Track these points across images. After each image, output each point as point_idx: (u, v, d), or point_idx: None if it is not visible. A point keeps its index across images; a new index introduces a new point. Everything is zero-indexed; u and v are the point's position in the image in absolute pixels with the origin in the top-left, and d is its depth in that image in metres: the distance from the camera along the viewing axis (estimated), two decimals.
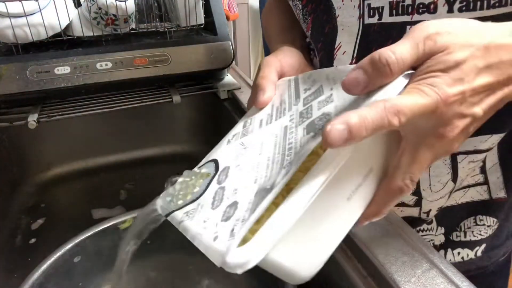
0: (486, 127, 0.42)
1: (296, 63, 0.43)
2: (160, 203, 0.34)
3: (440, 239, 0.50)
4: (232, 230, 0.26)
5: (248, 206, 0.27)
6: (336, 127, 0.23)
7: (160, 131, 0.90)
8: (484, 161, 0.46)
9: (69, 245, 0.48)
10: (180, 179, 0.35)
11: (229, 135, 0.38)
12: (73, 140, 0.85)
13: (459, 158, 0.44)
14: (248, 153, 0.33)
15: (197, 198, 0.32)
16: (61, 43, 0.74)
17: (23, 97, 0.70)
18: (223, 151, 0.36)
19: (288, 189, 0.25)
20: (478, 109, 0.26)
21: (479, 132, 0.42)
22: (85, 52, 0.71)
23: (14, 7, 0.67)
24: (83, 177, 0.85)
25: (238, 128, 0.39)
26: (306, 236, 0.26)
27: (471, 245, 0.51)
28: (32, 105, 0.73)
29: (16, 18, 0.68)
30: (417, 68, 0.27)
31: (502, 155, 0.46)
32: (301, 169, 0.26)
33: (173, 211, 0.32)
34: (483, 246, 0.51)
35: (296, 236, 0.25)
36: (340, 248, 0.41)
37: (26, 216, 0.73)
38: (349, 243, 0.40)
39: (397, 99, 0.24)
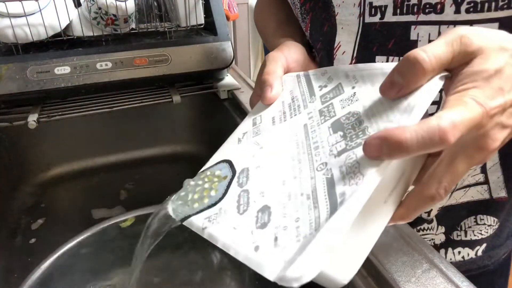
0: None
1: (301, 58, 0.42)
2: (172, 207, 0.33)
3: (440, 238, 0.50)
4: (276, 239, 0.25)
5: (287, 212, 0.26)
6: (377, 138, 0.23)
7: (160, 131, 0.90)
8: None
9: (69, 245, 0.48)
10: (192, 182, 0.34)
11: (238, 134, 0.37)
12: (73, 140, 0.85)
13: None
14: (266, 153, 0.32)
15: (217, 202, 0.30)
16: (61, 43, 0.74)
17: (23, 97, 0.70)
18: (235, 151, 0.35)
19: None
20: None
21: None
22: (85, 52, 0.71)
23: (14, 7, 0.67)
24: (83, 177, 0.85)
25: (246, 126, 0.37)
26: (348, 242, 0.25)
27: (471, 244, 0.51)
28: (32, 105, 0.73)
29: (16, 18, 0.68)
30: (452, 70, 0.27)
31: (502, 155, 0.46)
32: None
33: (189, 216, 0.31)
34: (484, 245, 0.51)
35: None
36: None
37: (26, 216, 0.73)
38: None
39: (449, 115, 0.23)
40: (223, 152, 0.36)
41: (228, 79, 0.86)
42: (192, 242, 0.54)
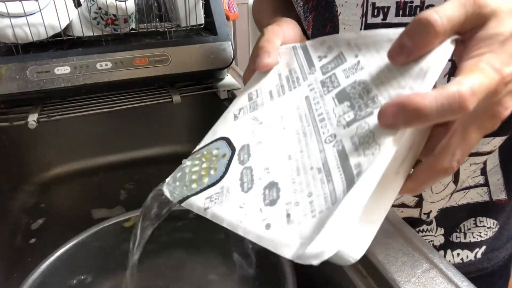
0: None
1: (297, 35, 0.41)
2: (168, 189, 0.32)
3: (439, 240, 0.50)
4: (288, 216, 0.24)
5: (297, 187, 0.25)
6: (394, 105, 0.22)
7: (160, 131, 0.90)
8: (484, 163, 0.46)
9: (69, 245, 0.48)
10: (188, 162, 0.33)
11: (233, 110, 0.36)
12: (73, 140, 0.85)
13: None
14: (267, 128, 0.31)
15: (218, 181, 0.29)
16: (61, 43, 0.74)
17: (23, 97, 0.70)
18: (232, 128, 0.34)
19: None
20: None
21: None
22: (85, 52, 0.71)
23: (14, 7, 0.67)
24: (83, 177, 0.85)
25: (242, 101, 0.36)
26: (361, 217, 0.23)
27: (470, 246, 0.51)
28: (32, 105, 0.73)
29: (16, 18, 0.68)
30: (465, 33, 0.25)
31: (502, 157, 0.46)
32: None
33: (188, 196, 0.30)
34: (483, 248, 0.51)
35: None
36: None
37: (26, 216, 0.73)
38: None
39: (468, 81, 0.22)
40: (218, 130, 0.35)
41: (228, 79, 0.86)
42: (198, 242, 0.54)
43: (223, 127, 0.35)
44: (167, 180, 0.33)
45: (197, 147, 0.34)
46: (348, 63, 0.30)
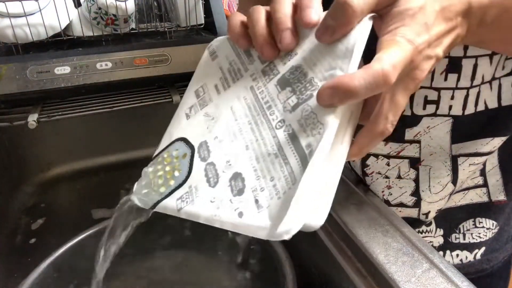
0: (488, 130, 0.42)
1: None
2: (137, 197, 0.33)
3: (439, 240, 0.50)
4: (257, 201, 0.26)
5: (259, 174, 0.27)
6: (328, 88, 0.25)
7: (160, 131, 0.90)
8: (484, 164, 0.46)
9: (69, 245, 0.48)
10: (150, 169, 0.34)
11: (184, 109, 0.37)
12: (73, 140, 0.85)
13: (460, 160, 0.43)
14: (220, 122, 0.32)
15: (185, 181, 0.31)
16: (61, 43, 0.74)
17: (23, 97, 0.69)
18: (187, 127, 0.35)
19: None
20: (440, 50, 0.28)
21: (481, 135, 0.42)
22: (85, 52, 0.71)
23: (14, 7, 0.67)
24: (83, 177, 0.85)
25: (191, 99, 0.37)
26: (319, 189, 0.26)
27: (470, 247, 0.50)
28: (32, 105, 0.73)
29: (16, 18, 0.68)
30: (381, 11, 0.28)
31: (501, 158, 0.46)
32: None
33: (159, 201, 0.31)
34: (483, 249, 0.51)
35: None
36: (340, 248, 0.41)
37: (26, 216, 0.73)
38: (349, 243, 0.40)
39: (388, 57, 0.25)
40: (173, 132, 0.36)
41: None
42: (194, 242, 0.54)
43: (177, 128, 0.36)
44: (134, 189, 0.34)
45: (156, 152, 0.35)
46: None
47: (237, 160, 0.29)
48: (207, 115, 0.34)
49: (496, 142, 0.43)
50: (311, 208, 0.25)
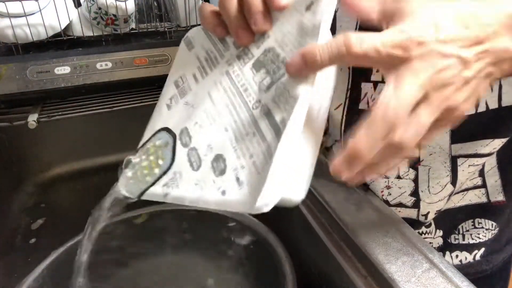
0: (489, 131, 0.42)
1: None
2: (124, 189, 0.34)
3: (438, 241, 0.50)
4: (238, 179, 0.27)
5: (239, 153, 0.28)
6: (295, 57, 0.26)
7: None
8: (483, 165, 0.46)
9: (69, 245, 0.48)
10: (135, 160, 0.35)
11: (165, 101, 0.38)
12: (73, 140, 0.85)
13: (459, 161, 0.43)
14: (200, 109, 0.33)
15: (169, 168, 0.32)
16: (61, 43, 0.74)
17: (23, 97, 0.70)
18: (168, 118, 0.36)
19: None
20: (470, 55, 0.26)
21: (481, 135, 0.42)
22: (85, 52, 0.71)
23: (14, 7, 0.67)
24: (83, 177, 0.85)
25: (171, 90, 0.38)
26: (296, 164, 0.27)
27: (469, 248, 0.50)
28: (32, 105, 0.73)
29: (16, 18, 0.68)
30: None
31: (500, 159, 0.46)
32: None
33: (145, 189, 0.32)
34: (482, 250, 0.51)
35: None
36: (340, 248, 0.41)
37: (26, 216, 0.73)
38: (349, 243, 0.40)
39: (358, 34, 0.25)
40: (155, 124, 0.37)
41: None
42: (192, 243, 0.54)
43: (159, 119, 0.37)
44: (119, 182, 0.36)
45: (140, 144, 0.37)
46: (256, 34, 0.33)
47: (218, 143, 0.30)
48: (187, 104, 0.35)
49: (497, 144, 0.43)
50: (289, 181, 0.26)
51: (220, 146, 0.29)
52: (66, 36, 0.75)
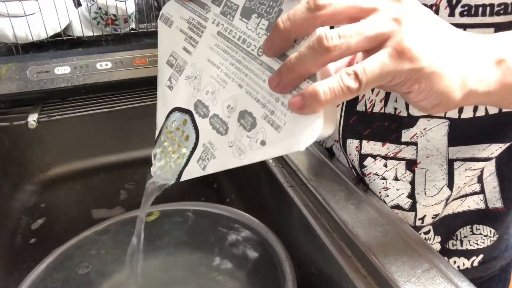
0: (486, 135, 0.42)
1: None
2: (160, 178, 0.34)
3: (436, 247, 0.50)
4: (273, 124, 0.26)
5: (263, 101, 0.27)
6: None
7: None
8: (481, 171, 0.45)
9: (69, 245, 0.48)
10: (159, 149, 0.35)
11: (164, 83, 0.37)
12: (73, 140, 0.85)
13: (456, 164, 0.43)
14: (205, 77, 0.33)
15: (196, 144, 0.32)
16: (61, 43, 0.74)
17: (23, 97, 0.70)
18: (174, 98, 0.35)
19: None
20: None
21: (478, 139, 0.42)
22: (85, 52, 0.71)
23: (14, 7, 0.67)
24: (83, 177, 0.85)
25: (166, 72, 0.38)
26: None
27: (467, 254, 0.50)
28: (32, 105, 0.73)
29: (16, 18, 0.68)
30: None
31: (499, 165, 0.46)
32: None
33: (181, 171, 0.32)
34: (481, 256, 0.50)
35: None
36: (340, 248, 0.41)
37: (26, 216, 0.73)
38: (349, 243, 0.40)
39: None
40: (163, 109, 0.36)
41: None
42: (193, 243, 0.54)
43: (165, 104, 0.36)
44: (154, 175, 0.35)
45: (156, 134, 0.36)
46: None
47: (237, 101, 0.29)
48: (188, 77, 0.34)
49: (494, 148, 0.43)
50: (323, 117, 0.25)
51: (240, 103, 0.29)
52: (66, 36, 0.75)
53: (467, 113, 0.41)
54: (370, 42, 0.25)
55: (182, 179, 0.32)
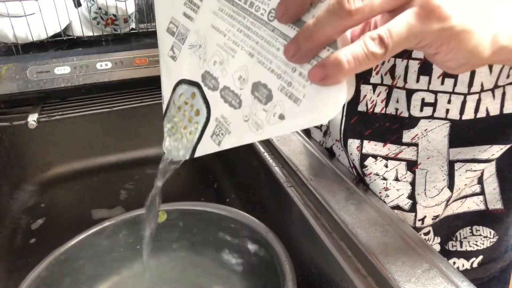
0: (487, 137, 0.42)
1: None
2: (175, 154, 0.32)
3: (436, 248, 0.50)
4: (291, 97, 0.24)
5: (278, 72, 0.25)
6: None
7: (160, 131, 0.90)
8: (482, 172, 0.45)
9: (69, 245, 0.48)
10: (168, 125, 0.33)
11: (166, 53, 0.35)
12: (73, 140, 0.85)
13: (457, 165, 0.43)
14: (211, 46, 0.30)
15: (208, 118, 0.30)
16: (61, 43, 0.74)
17: (23, 97, 0.70)
18: (179, 70, 0.33)
19: None
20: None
21: (479, 141, 0.42)
22: (85, 52, 0.71)
23: (14, 7, 0.67)
24: (83, 177, 0.85)
25: (167, 41, 0.35)
26: None
27: (466, 255, 0.50)
28: (32, 105, 0.73)
29: (16, 18, 0.68)
30: None
31: (499, 167, 0.46)
32: None
33: (195, 147, 0.30)
34: (480, 257, 0.50)
35: None
36: (340, 248, 0.41)
37: (26, 216, 0.73)
38: (349, 243, 0.40)
39: None
40: (168, 81, 0.34)
41: None
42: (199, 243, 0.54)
43: (170, 76, 0.34)
44: (165, 147, 0.33)
45: (164, 107, 0.34)
46: None
47: (249, 72, 0.27)
48: (193, 46, 0.32)
49: (495, 150, 0.42)
50: (344, 84, 0.23)
51: (253, 73, 0.27)
52: (66, 36, 0.75)
53: (468, 115, 0.41)
54: (395, 2, 0.23)
55: (196, 155, 0.30)
